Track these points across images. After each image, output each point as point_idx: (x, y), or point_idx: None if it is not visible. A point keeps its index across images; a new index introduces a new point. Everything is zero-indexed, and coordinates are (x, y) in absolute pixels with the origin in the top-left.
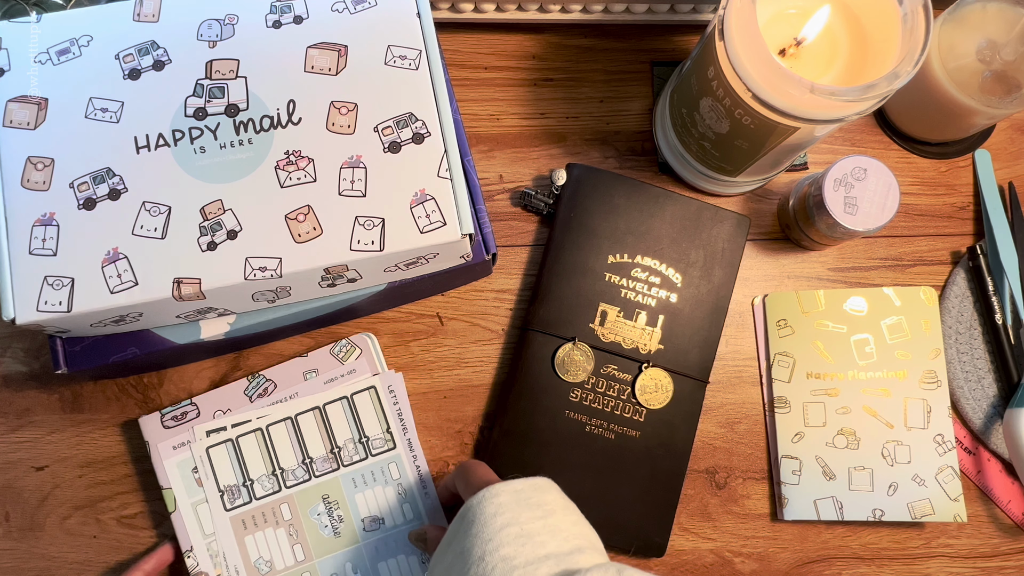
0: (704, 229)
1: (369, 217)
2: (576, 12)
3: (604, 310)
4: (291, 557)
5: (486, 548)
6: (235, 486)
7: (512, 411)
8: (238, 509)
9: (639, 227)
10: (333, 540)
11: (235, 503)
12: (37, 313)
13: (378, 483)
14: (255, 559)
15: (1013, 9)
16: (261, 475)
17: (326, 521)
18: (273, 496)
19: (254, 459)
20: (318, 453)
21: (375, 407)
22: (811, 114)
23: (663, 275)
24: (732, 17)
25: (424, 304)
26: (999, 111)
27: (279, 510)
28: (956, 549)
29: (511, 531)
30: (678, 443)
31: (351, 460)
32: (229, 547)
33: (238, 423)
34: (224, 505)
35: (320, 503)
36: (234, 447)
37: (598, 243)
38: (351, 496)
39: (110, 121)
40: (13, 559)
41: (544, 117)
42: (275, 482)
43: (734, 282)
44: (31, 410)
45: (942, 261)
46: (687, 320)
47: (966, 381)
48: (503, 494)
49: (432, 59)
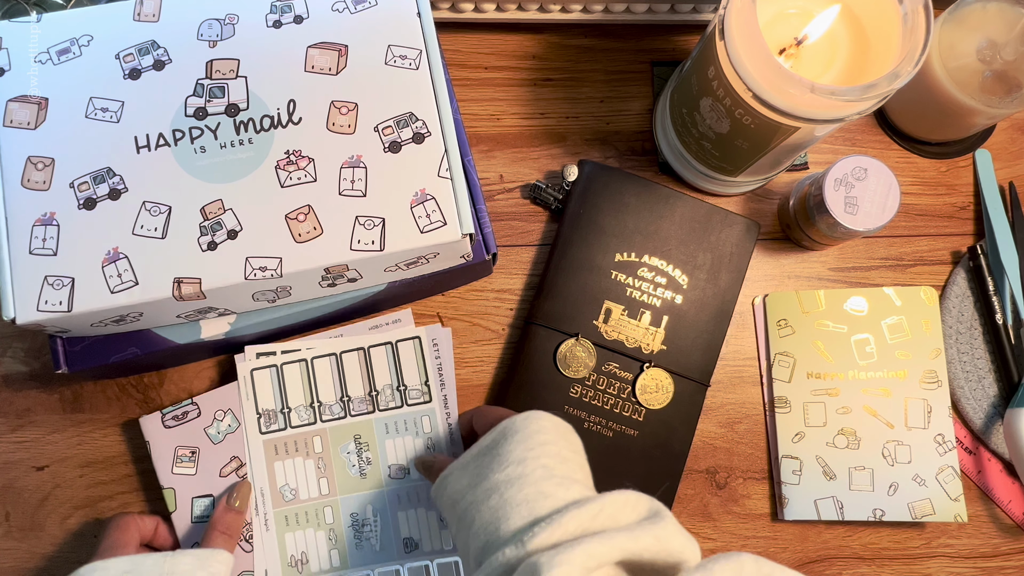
0: (713, 232)
1: (369, 217)
2: (576, 12)
3: (609, 308)
4: (316, 489)
5: (528, 454)
6: (273, 411)
7: (512, 404)
8: (272, 434)
9: (648, 227)
10: (359, 480)
11: (270, 427)
12: (37, 313)
13: (409, 433)
14: (281, 485)
15: (1013, 9)
16: (299, 405)
17: (354, 461)
18: (308, 427)
19: (295, 389)
20: (356, 393)
21: (417, 358)
22: (811, 114)
23: (669, 276)
24: (732, 17)
25: (424, 304)
26: (999, 111)
27: (311, 442)
28: (956, 549)
29: (551, 448)
30: (676, 445)
31: (387, 406)
32: (259, 469)
33: (288, 350)
34: (260, 428)
35: (351, 442)
36: (278, 373)
37: (606, 240)
38: (382, 440)
39: (110, 121)
40: (13, 559)
41: (544, 117)
42: (312, 414)
43: (740, 287)
44: (31, 410)
45: (942, 261)
46: (691, 322)
47: (966, 381)
48: (545, 419)
49: (432, 59)
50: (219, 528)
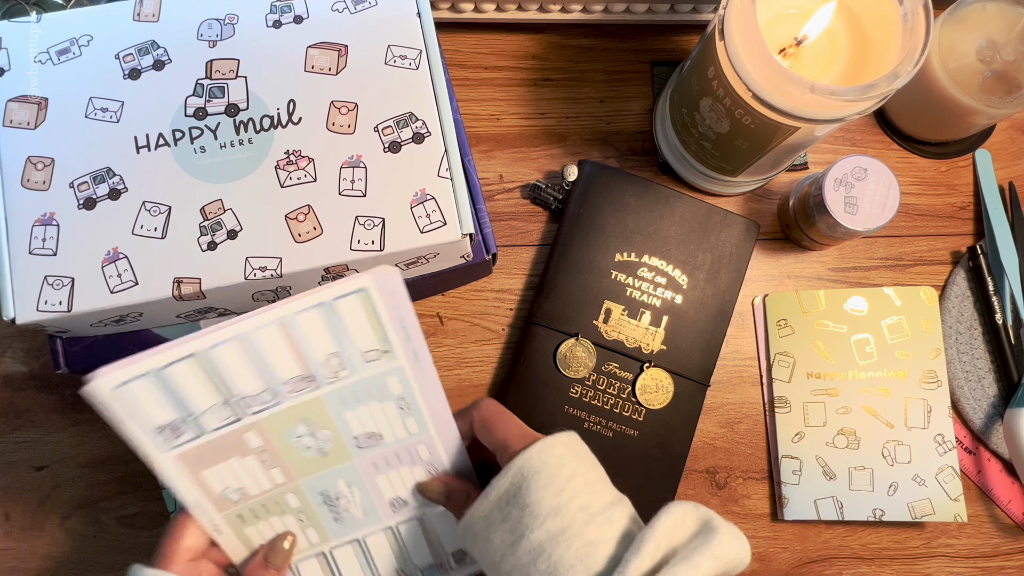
0: (713, 232)
1: (369, 217)
2: (576, 12)
3: (608, 308)
4: (267, 481)
5: (560, 499)
6: (173, 423)
7: (511, 403)
8: (184, 446)
9: (648, 227)
10: (320, 459)
11: (179, 440)
12: (37, 313)
13: (374, 399)
14: (221, 490)
15: (1013, 9)
16: (211, 405)
17: (309, 443)
18: (232, 425)
19: (195, 391)
20: (288, 374)
21: (368, 313)
22: (811, 114)
23: (669, 276)
24: (732, 17)
25: (424, 304)
26: (999, 111)
27: (243, 439)
28: (956, 549)
29: (579, 480)
30: (675, 445)
31: (335, 377)
32: (182, 489)
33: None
34: (161, 447)
35: (300, 425)
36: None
37: (606, 240)
38: (339, 414)
39: (110, 121)
40: (13, 559)
41: (544, 117)
42: (231, 411)
43: (740, 287)
44: (31, 410)
45: (942, 261)
46: (691, 322)
47: (966, 381)
48: (558, 446)
49: (432, 59)
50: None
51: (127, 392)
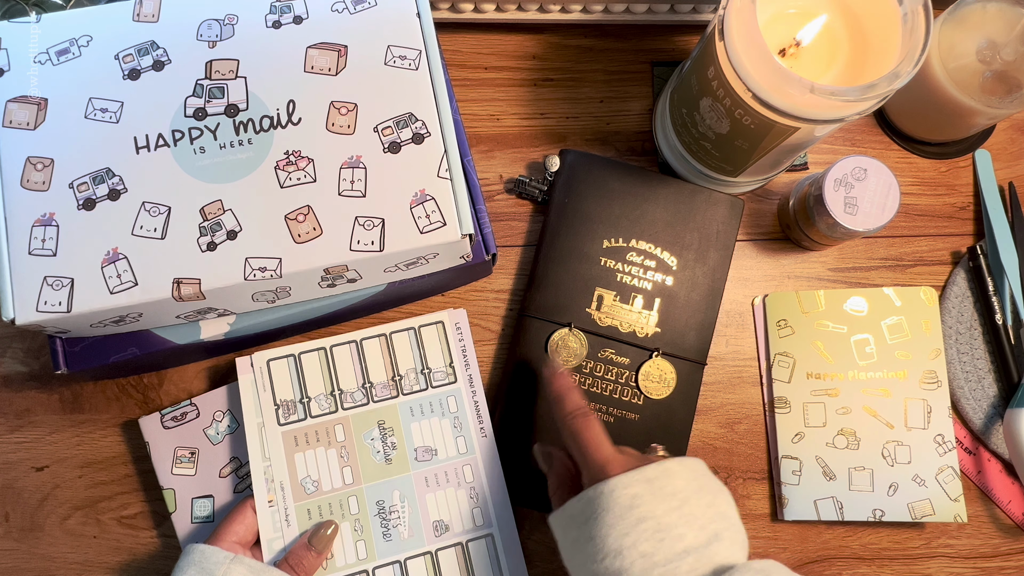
0: (698, 212)
1: (369, 217)
2: (576, 12)
3: (600, 295)
4: (339, 479)
5: (623, 543)
6: (291, 401)
7: (509, 399)
8: (292, 425)
9: (633, 211)
10: (384, 466)
11: (289, 419)
12: (37, 313)
13: (435, 414)
14: (302, 477)
15: (1013, 9)
16: (319, 394)
17: (379, 447)
18: (329, 416)
19: (314, 377)
20: (379, 379)
21: (440, 341)
22: (811, 114)
23: (658, 258)
24: (732, 17)
25: (424, 304)
26: (999, 111)
27: (333, 431)
28: (956, 549)
29: (648, 525)
30: (677, 425)
31: (411, 389)
32: (278, 462)
33: None
34: (278, 419)
35: (375, 428)
36: (295, 363)
37: (593, 228)
38: (407, 424)
39: (110, 121)
40: (13, 559)
41: (544, 117)
42: (333, 402)
43: (729, 263)
44: (31, 410)
45: (942, 261)
46: (683, 303)
47: (966, 381)
48: (636, 484)
49: (432, 59)
50: (290, 561)
51: (275, 366)
